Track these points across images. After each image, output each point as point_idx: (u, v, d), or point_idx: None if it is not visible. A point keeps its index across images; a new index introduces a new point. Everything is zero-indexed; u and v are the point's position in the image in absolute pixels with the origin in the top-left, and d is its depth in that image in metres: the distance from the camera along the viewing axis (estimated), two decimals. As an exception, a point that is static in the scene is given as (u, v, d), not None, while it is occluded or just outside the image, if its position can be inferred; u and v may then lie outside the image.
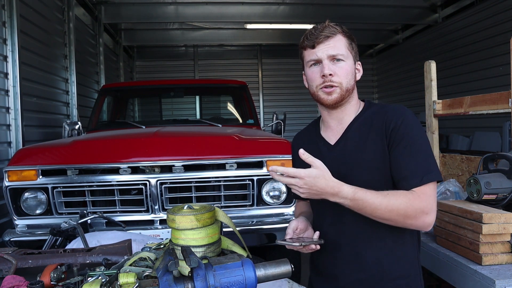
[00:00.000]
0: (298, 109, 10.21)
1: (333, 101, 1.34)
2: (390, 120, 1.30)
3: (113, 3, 7.57)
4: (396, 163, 1.28)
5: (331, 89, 1.33)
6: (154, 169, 2.77)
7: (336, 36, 1.34)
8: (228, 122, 4.64)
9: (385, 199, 1.20)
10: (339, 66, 1.33)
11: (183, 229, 1.05)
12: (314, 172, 1.18)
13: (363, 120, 1.38)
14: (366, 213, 1.23)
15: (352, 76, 1.36)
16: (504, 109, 2.03)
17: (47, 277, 1.13)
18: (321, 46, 1.33)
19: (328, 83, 1.32)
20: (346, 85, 1.34)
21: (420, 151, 1.27)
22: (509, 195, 1.76)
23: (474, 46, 7.07)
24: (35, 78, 4.64)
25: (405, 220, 1.22)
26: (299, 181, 1.18)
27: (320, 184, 1.18)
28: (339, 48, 1.33)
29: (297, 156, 1.54)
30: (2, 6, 3.99)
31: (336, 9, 8.01)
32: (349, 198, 1.19)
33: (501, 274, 1.47)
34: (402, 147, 1.27)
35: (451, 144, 7.28)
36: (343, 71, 1.33)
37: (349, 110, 1.40)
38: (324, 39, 1.33)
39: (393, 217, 1.22)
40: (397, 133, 1.28)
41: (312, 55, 1.35)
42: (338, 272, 1.38)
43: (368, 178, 1.30)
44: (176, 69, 10.76)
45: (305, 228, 1.36)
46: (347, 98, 1.37)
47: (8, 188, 2.71)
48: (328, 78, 1.32)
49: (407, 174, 1.25)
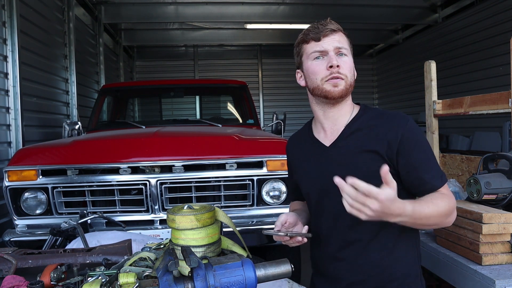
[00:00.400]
0: (298, 109, 10.20)
1: (340, 92, 1.32)
2: (397, 128, 1.30)
3: (113, 3, 7.57)
4: (413, 169, 1.28)
5: (337, 80, 1.31)
6: (154, 169, 2.77)
7: (339, 32, 1.35)
8: (228, 122, 4.64)
9: (434, 206, 1.20)
10: (344, 60, 1.33)
11: (183, 229, 1.05)
12: (392, 195, 1.05)
13: (361, 124, 1.36)
14: (419, 225, 1.22)
15: (353, 73, 1.37)
16: (504, 109, 2.03)
17: (47, 277, 1.14)
18: (327, 39, 1.33)
19: (336, 74, 1.31)
20: (350, 80, 1.34)
21: (432, 156, 1.31)
22: (509, 195, 1.76)
23: (474, 46, 7.07)
24: (35, 78, 4.64)
25: (445, 220, 1.25)
26: (375, 203, 1.04)
27: (394, 207, 1.06)
28: (344, 43, 1.35)
29: (292, 159, 1.54)
30: (2, 6, 3.99)
31: (336, 9, 8.01)
32: (409, 215, 1.12)
33: (501, 274, 1.47)
34: (417, 153, 1.28)
35: (451, 144, 7.28)
36: (347, 64, 1.34)
37: (345, 110, 1.39)
38: (330, 33, 1.33)
39: (439, 221, 1.24)
40: (408, 141, 1.28)
41: (317, 46, 1.33)
42: (338, 273, 1.38)
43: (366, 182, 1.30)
44: (176, 69, 10.76)
45: (294, 222, 1.34)
46: (347, 95, 1.37)
47: (8, 188, 2.71)
48: (335, 69, 1.30)
49: (429, 177, 1.28)
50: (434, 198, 1.23)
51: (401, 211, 1.09)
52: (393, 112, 1.37)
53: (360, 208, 1.05)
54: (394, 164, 1.29)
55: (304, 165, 1.45)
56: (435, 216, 1.21)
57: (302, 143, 1.50)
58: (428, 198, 1.23)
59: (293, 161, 1.53)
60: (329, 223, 1.38)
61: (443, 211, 1.22)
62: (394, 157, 1.29)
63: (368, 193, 1.03)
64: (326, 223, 1.39)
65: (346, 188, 1.06)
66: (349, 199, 1.06)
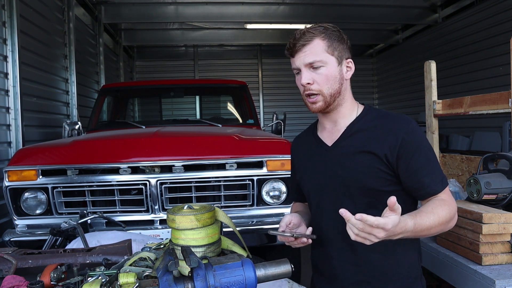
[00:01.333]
0: (298, 109, 10.18)
1: (318, 109, 1.35)
2: (398, 131, 1.29)
3: (113, 3, 7.58)
4: (413, 172, 1.28)
5: (313, 98, 1.33)
6: (154, 169, 2.77)
7: (312, 41, 1.31)
8: (228, 122, 4.64)
9: (435, 216, 1.20)
10: (318, 73, 1.32)
11: (183, 229, 1.05)
12: (396, 220, 1.08)
13: (363, 124, 1.36)
14: (421, 236, 1.23)
15: (336, 79, 1.33)
16: (504, 109, 2.03)
17: (47, 277, 1.14)
18: (299, 54, 1.32)
19: (308, 92, 1.33)
20: (329, 91, 1.32)
21: (434, 160, 1.31)
22: (509, 195, 1.76)
23: (474, 46, 7.07)
24: (35, 78, 4.64)
25: (446, 226, 1.25)
26: (381, 232, 1.06)
27: (397, 229, 1.09)
28: (316, 54, 1.31)
29: (296, 158, 1.55)
30: (2, 6, 3.99)
31: (336, 9, 8.01)
32: (411, 230, 1.14)
33: (501, 274, 1.47)
34: (417, 157, 1.28)
35: (451, 144, 7.28)
36: (322, 77, 1.31)
37: (344, 112, 1.39)
38: (300, 47, 1.32)
39: (440, 229, 1.24)
40: (409, 144, 1.28)
41: (293, 64, 1.36)
42: (339, 273, 1.38)
43: (366, 182, 1.31)
44: (176, 69, 10.76)
45: (298, 223, 1.35)
46: (336, 102, 1.35)
47: (8, 188, 2.71)
48: (306, 87, 1.32)
49: (429, 181, 1.28)
50: (435, 207, 1.23)
51: (403, 229, 1.11)
52: (396, 114, 1.37)
53: (366, 237, 1.08)
54: (394, 167, 1.29)
55: (307, 164, 1.46)
56: (436, 226, 1.21)
57: (306, 142, 1.50)
58: (429, 208, 1.22)
59: (297, 160, 1.54)
60: (330, 223, 1.38)
61: (444, 220, 1.22)
62: (394, 160, 1.29)
63: (376, 225, 1.05)
64: (326, 223, 1.39)
65: (352, 221, 1.07)
66: (355, 229, 1.07)
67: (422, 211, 1.21)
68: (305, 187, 1.47)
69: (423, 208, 1.24)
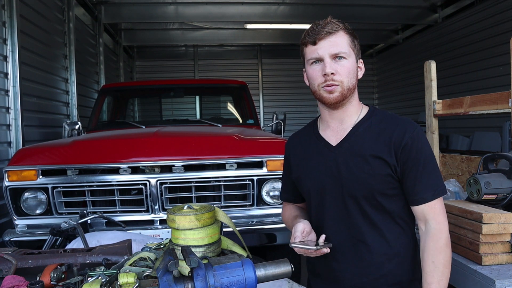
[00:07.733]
0: (298, 109, 10.22)
1: (335, 99, 1.31)
2: (402, 135, 1.29)
3: (113, 3, 7.58)
4: (408, 178, 1.29)
5: (332, 87, 1.30)
6: (154, 169, 2.77)
7: (338, 32, 1.30)
8: (228, 122, 4.64)
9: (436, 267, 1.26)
10: (341, 65, 1.30)
11: (183, 229, 1.05)
12: None
13: (369, 126, 1.35)
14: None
15: (354, 74, 1.33)
16: (504, 109, 2.03)
17: (47, 277, 1.13)
18: (323, 43, 1.29)
19: (330, 82, 1.29)
20: (348, 84, 1.31)
21: (432, 168, 1.30)
22: (509, 195, 1.76)
23: (474, 46, 7.07)
24: (35, 78, 4.64)
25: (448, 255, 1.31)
26: None
27: None
28: (341, 46, 1.30)
29: (292, 157, 1.51)
30: (2, 6, 3.98)
31: (336, 9, 8.01)
32: None
33: (501, 274, 1.47)
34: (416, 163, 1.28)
35: (451, 144, 7.27)
36: (345, 69, 1.30)
37: (351, 111, 1.37)
38: (326, 36, 1.29)
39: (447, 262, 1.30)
40: (410, 149, 1.28)
41: (313, 53, 1.31)
42: (339, 275, 1.37)
43: (370, 184, 1.30)
44: (176, 69, 10.75)
45: (310, 230, 1.33)
46: (349, 98, 1.34)
47: (8, 188, 2.71)
48: (329, 77, 1.29)
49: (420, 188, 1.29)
50: (431, 256, 1.27)
51: None
52: (402, 118, 1.36)
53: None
54: (397, 170, 1.30)
55: (307, 163, 1.43)
56: (443, 270, 1.26)
57: (305, 141, 1.47)
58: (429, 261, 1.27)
59: (294, 160, 1.50)
60: (330, 224, 1.37)
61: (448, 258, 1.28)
62: (396, 164, 1.29)
63: None
64: (327, 223, 1.38)
65: None
66: None
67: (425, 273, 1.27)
68: (304, 187, 1.44)
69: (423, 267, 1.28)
